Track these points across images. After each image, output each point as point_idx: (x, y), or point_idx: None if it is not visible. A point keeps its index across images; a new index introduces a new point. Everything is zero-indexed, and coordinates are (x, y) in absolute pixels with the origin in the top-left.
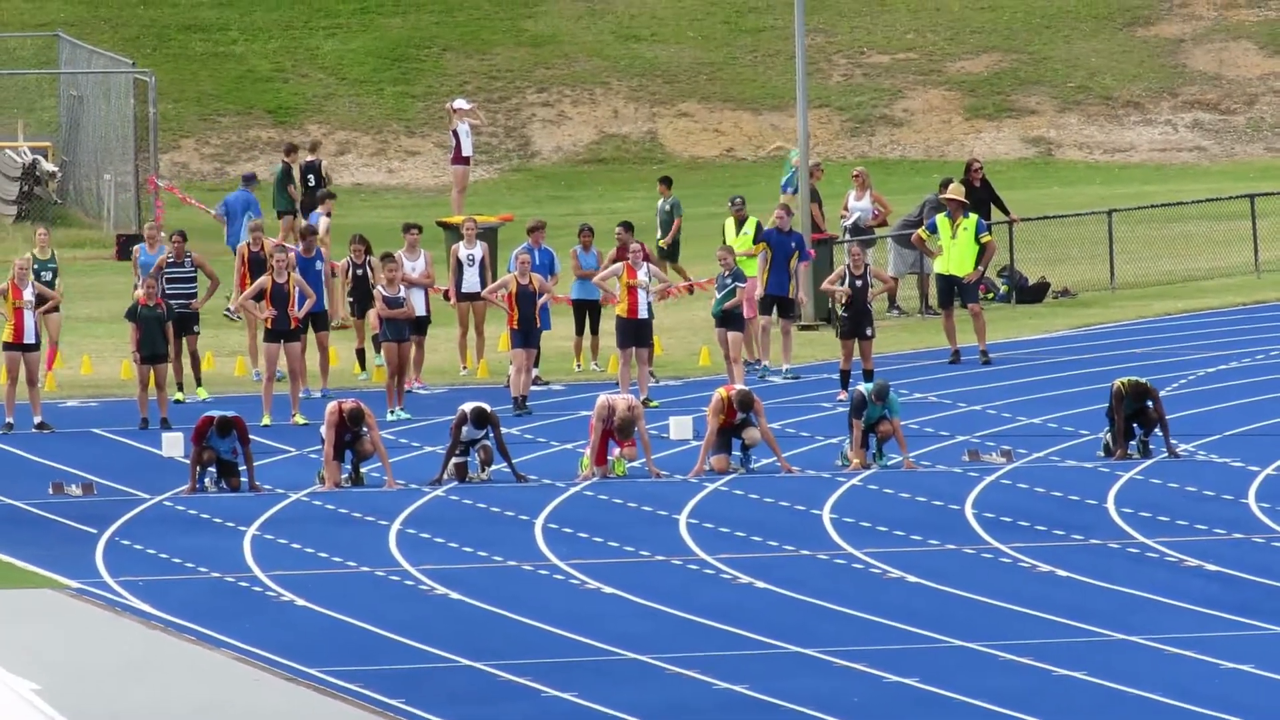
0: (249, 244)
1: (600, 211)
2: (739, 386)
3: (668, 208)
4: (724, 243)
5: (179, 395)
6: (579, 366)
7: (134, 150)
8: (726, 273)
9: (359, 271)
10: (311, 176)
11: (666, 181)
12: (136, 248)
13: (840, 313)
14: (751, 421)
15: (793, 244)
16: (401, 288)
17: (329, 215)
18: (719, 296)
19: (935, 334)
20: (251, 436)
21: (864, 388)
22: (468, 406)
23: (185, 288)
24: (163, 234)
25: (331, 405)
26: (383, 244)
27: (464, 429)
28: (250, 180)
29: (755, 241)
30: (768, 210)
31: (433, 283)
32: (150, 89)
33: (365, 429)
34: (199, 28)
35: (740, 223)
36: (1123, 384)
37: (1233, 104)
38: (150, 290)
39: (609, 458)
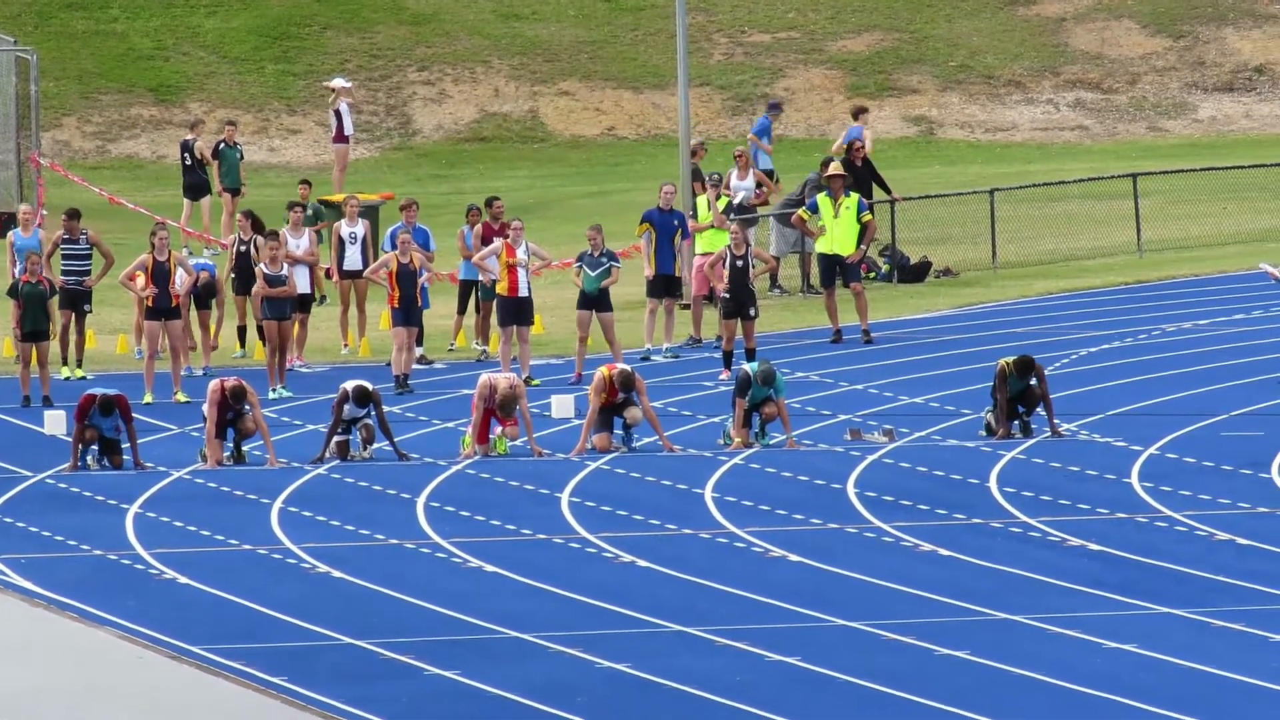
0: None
1: (482, 190)
2: (620, 365)
3: (309, 213)
4: (694, 216)
5: (65, 371)
6: (453, 345)
7: (15, 128)
8: (597, 252)
9: (242, 248)
10: (188, 156)
11: (307, 184)
12: (11, 232)
13: (722, 293)
14: (633, 400)
15: (675, 222)
16: (284, 265)
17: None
18: (593, 275)
19: (817, 313)
20: (134, 415)
21: (749, 367)
22: (349, 385)
23: (80, 264)
24: (44, 213)
25: (214, 383)
26: (265, 222)
27: (346, 407)
28: (775, 109)
29: (641, 222)
30: (652, 190)
31: (317, 260)
32: (32, 67)
33: (247, 407)
34: (80, 5)
35: (715, 199)
36: (1007, 363)
37: (1115, 83)
38: (33, 267)
39: (491, 436)
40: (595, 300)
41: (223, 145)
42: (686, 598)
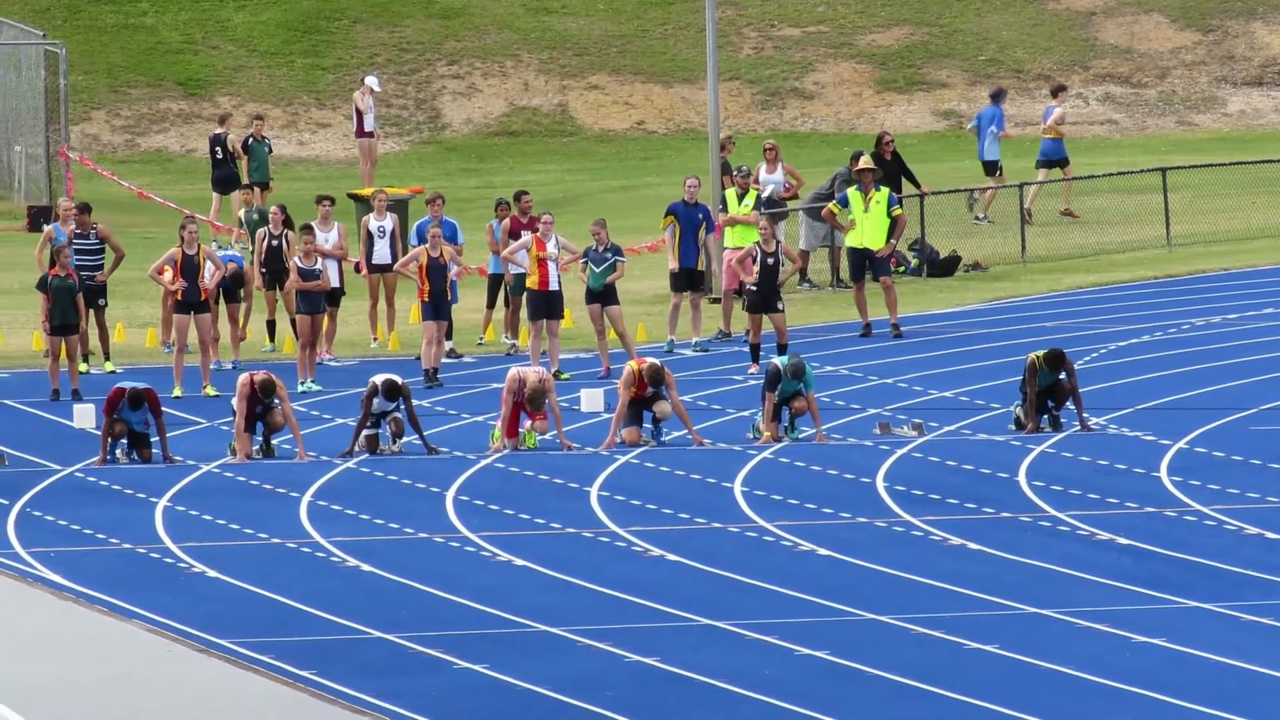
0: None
1: (511, 184)
2: (650, 360)
3: (255, 217)
4: (725, 211)
5: (83, 366)
6: (482, 339)
7: (45, 122)
8: (601, 247)
9: (274, 242)
10: (219, 150)
11: (249, 189)
12: (50, 227)
13: (748, 286)
14: (663, 395)
15: (700, 216)
16: (318, 260)
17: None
18: (598, 271)
19: (846, 307)
20: (164, 408)
21: (779, 361)
22: (379, 378)
23: (91, 259)
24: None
25: (243, 377)
26: (294, 216)
27: (375, 401)
28: (999, 96)
29: (666, 214)
30: (682, 184)
31: (345, 254)
32: (61, 60)
33: (277, 400)
34: None
35: (743, 193)
36: (1037, 357)
37: (1144, 77)
38: (64, 261)
39: (520, 430)
40: (601, 295)
41: (251, 139)
42: (715, 592)
